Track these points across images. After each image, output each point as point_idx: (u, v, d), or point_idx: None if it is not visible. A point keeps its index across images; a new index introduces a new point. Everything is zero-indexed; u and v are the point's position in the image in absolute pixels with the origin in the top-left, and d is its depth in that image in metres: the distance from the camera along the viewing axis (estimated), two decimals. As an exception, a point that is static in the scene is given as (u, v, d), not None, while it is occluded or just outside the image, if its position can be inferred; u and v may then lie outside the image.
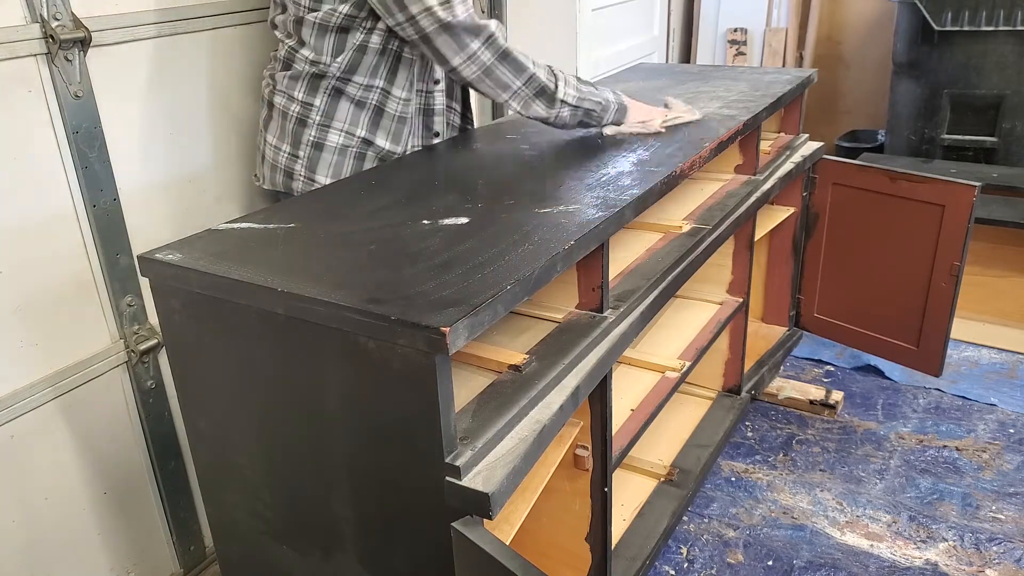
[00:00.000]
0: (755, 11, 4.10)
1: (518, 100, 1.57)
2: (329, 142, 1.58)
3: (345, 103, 1.58)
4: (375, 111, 1.59)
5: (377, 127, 1.60)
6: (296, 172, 1.61)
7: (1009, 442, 2.29)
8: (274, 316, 1.05)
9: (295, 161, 1.60)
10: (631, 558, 1.63)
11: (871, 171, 2.21)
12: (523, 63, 1.55)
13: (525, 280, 1.05)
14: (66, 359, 1.53)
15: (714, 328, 1.85)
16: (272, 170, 1.65)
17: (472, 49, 1.48)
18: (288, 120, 1.59)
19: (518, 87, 1.55)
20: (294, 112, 1.58)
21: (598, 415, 1.33)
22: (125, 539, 1.72)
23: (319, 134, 1.58)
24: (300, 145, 1.59)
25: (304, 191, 1.60)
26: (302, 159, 1.59)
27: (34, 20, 1.37)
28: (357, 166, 1.61)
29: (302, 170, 1.60)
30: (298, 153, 1.59)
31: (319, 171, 1.59)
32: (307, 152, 1.59)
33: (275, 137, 1.63)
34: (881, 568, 1.88)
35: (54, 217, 1.47)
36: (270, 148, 1.65)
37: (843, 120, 4.26)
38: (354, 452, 1.08)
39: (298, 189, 1.62)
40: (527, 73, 1.55)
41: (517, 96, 1.57)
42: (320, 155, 1.59)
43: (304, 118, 1.58)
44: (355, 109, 1.58)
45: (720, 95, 2.06)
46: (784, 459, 2.27)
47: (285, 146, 1.61)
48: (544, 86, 1.58)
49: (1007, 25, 3.02)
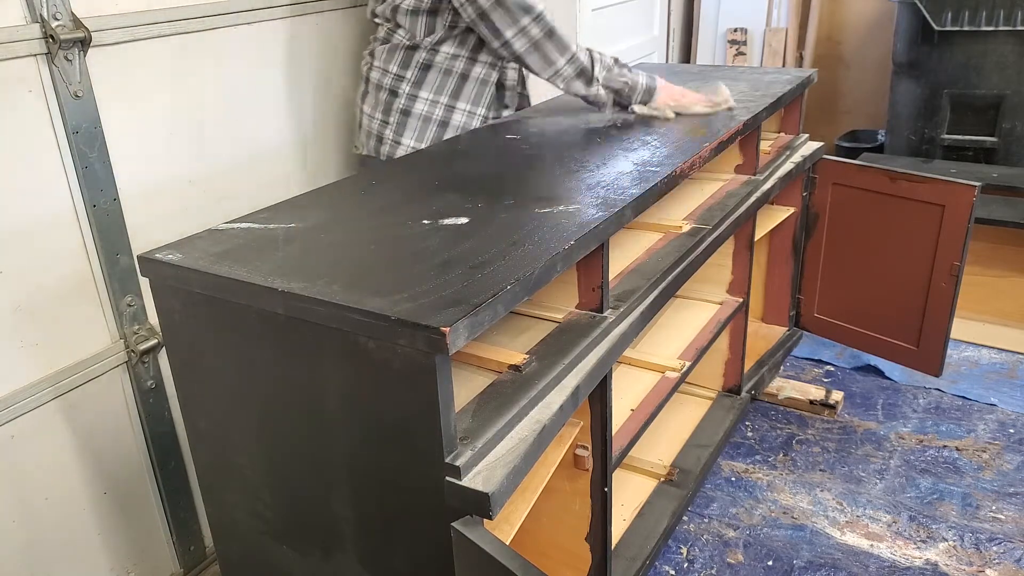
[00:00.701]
0: (755, 11, 4.10)
1: (561, 78, 1.75)
2: (415, 110, 1.80)
3: (433, 73, 1.79)
4: (459, 78, 1.81)
5: (460, 93, 1.82)
6: (385, 137, 1.83)
7: (1009, 442, 2.29)
8: (274, 316, 1.05)
9: (385, 127, 1.83)
10: (631, 558, 1.63)
11: (871, 171, 2.21)
12: (567, 43, 1.72)
13: (525, 280, 1.05)
14: (66, 359, 1.53)
15: (714, 328, 1.85)
16: (367, 136, 1.88)
17: (523, 23, 1.67)
18: (381, 91, 1.82)
19: (562, 65, 1.72)
20: (387, 84, 1.81)
21: (598, 415, 1.33)
22: (125, 539, 1.72)
23: (407, 103, 1.80)
24: (390, 112, 1.82)
25: (391, 154, 1.82)
26: (391, 125, 1.82)
27: (34, 20, 1.37)
28: (439, 133, 1.82)
29: (390, 134, 1.82)
30: (388, 120, 1.82)
31: (405, 135, 1.81)
32: (395, 118, 1.81)
33: (370, 107, 1.86)
34: (881, 568, 1.88)
35: (54, 217, 1.47)
36: (365, 117, 1.88)
37: (843, 120, 4.26)
38: (354, 452, 1.08)
39: (385, 152, 1.83)
40: (570, 52, 1.72)
41: (560, 74, 1.74)
42: (407, 120, 1.80)
43: (395, 89, 1.80)
44: (442, 77, 1.80)
45: (720, 95, 2.06)
46: (784, 459, 2.27)
47: (377, 114, 1.84)
48: (584, 67, 1.75)
49: (1007, 25, 3.02)
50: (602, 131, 1.76)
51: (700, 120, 1.83)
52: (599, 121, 1.85)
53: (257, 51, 1.80)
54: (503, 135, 1.78)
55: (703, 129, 1.75)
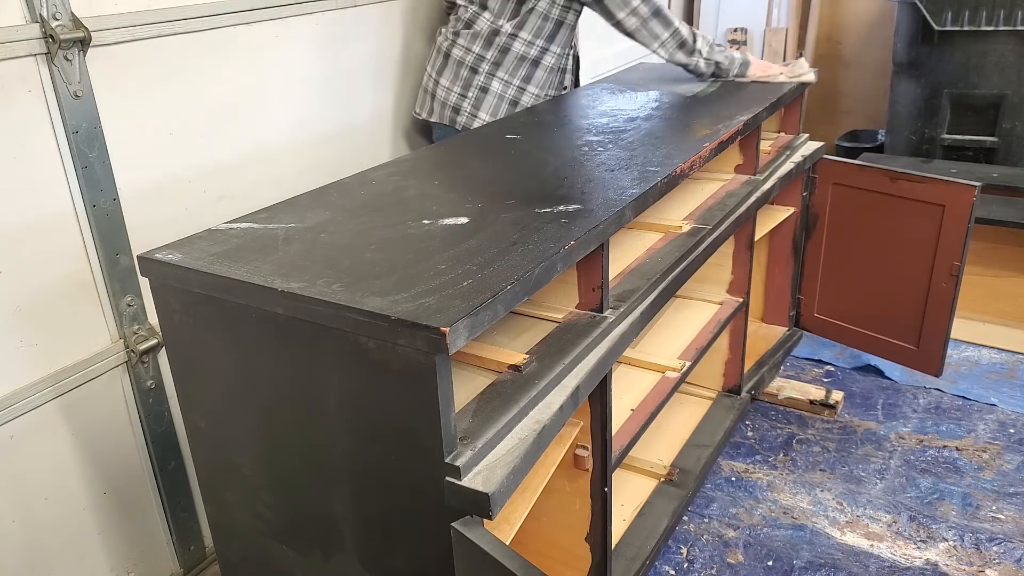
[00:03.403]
0: (755, 11, 4.10)
1: (665, 49, 2.05)
2: (493, 88, 2.07)
3: (511, 57, 2.06)
4: (532, 63, 2.08)
5: (531, 78, 2.10)
6: (463, 109, 2.09)
7: (1009, 442, 2.29)
8: (274, 316, 1.05)
9: (463, 100, 2.08)
10: (631, 558, 1.63)
11: (871, 171, 2.21)
12: (671, 19, 2.02)
13: (525, 280, 1.05)
14: (66, 359, 1.53)
15: (714, 328, 1.85)
16: (442, 107, 2.12)
17: (633, 5, 1.98)
18: (463, 68, 2.07)
19: (666, 38, 2.03)
20: (468, 62, 2.06)
21: (598, 415, 1.33)
22: (125, 539, 1.72)
23: (486, 80, 2.06)
24: (469, 88, 2.08)
25: (467, 125, 2.09)
26: (469, 99, 2.08)
27: (34, 20, 1.37)
28: (509, 110, 2.09)
29: (468, 107, 2.08)
30: (467, 94, 2.08)
31: (481, 110, 2.08)
32: (474, 94, 2.07)
33: (448, 80, 2.10)
34: (881, 568, 1.88)
35: (54, 217, 1.47)
36: (442, 89, 2.11)
37: (843, 120, 4.26)
38: (354, 452, 1.08)
39: (461, 123, 2.09)
40: (673, 27, 2.03)
41: (665, 45, 2.04)
42: (484, 97, 2.08)
43: (476, 67, 2.06)
44: (517, 62, 2.07)
45: (720, 95, 2.06)
46: (784, 459, 2.27)
47: (456, 88, 2.08)
48: (685, 40, 2.05)
49: (1007, 25, 3.02)
50: (602, 131, 1.76)
51: (700, 120, 1.83)
52: (599, 121, 1.85)
53: (257, 51, 1.80)
54: (504, 134, 1.78)
55: (704, 129, 1.75)
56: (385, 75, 2.19)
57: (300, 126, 1.95)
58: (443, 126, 2.14)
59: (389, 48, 2.19)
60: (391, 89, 2.22)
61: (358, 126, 2.13)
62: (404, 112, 2.28)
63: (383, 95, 2.20)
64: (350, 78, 2.07)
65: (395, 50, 2.21)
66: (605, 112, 1.94)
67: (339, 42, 2.02)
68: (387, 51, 2.19)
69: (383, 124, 2.22)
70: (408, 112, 2.29)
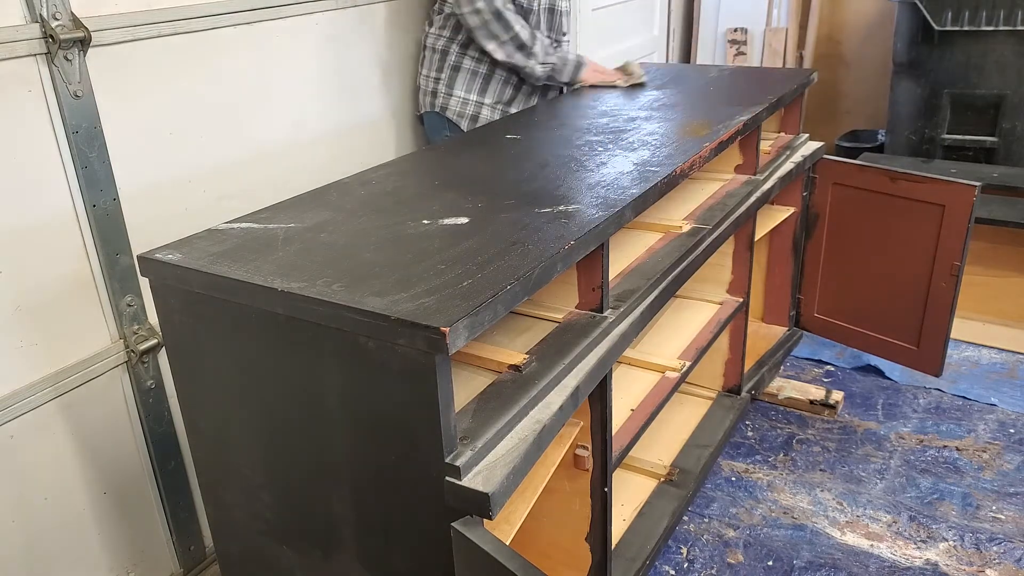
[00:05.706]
0: (755, 11, 4.09)
1: (503, 49, 2.08)
2: (464, 66, 2.12)
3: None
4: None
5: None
6: (439, 91, 2.15)
7: (1009, 442, 2.29)
8: (274, 316, 1.05)
9: (438, 83, 2.15)
10: (631, 558, 1.63)
11: (871, 171, 2.21)
12: (511, 23, 2.04)
13: (525, 280, 1.05)
14: (66, 359, 1.53)
15: (714, 328, 1.85)
16: (423, 95, 2.19)
17: (477, 5, 2.01)
18: (435, 52, 2.14)
19: (505, 39, 2.06)
20: (439, 46, 2.13)
21: (598, 415, 1.33)
22: (125, 539, 1.72)
23: (457, 59, 2.12)
24: (443, 69, 2.14)
25: (444, 105, 2.14)
26: (443, 80, 2.14)
27: (34, 20, 1.37)
28: (483, 85, 2.14)
29: (443, 88, 2.14)
30: (440, 76, 2.14)
31: (456, 87, 2.14)
32: (447, 74, 2.13)
33: (425, 68, 2.18)
34: (881, 568, 1.88)
35: (54, 217, 1.47)
36: (421, 78, 2.19)
37: (843, 120, 4.26)
38: (354, 452, 1.08)
39: (439, 104, 2.15)
40: (512, 31, 2.05)
41: (503, 46, 2.07)
42: (456, 75, 2.13)
43: (446, 50, 2.12)
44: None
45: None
46: (784, 459, 2.27)
47: (432, 72, 2.16)
48: (524, 43, 2.08)
49: (1007, 25, 3.02)
50: (602, 131, 1.76)
51: (700, 120, 1.83)
52: (600, 121, 1.85)
53: (257, 51, 1.80)
54: (504, 134, 1.78)
55: (704, 129, 1.75)
56: (385, 75, 2.20)
57: (300, 126, 1.95)
58: (429, 114, 2.19)
59: (389, 48, 2.19)
60: (391, 89, 2.23)
61: (358, 126, 2.13)
62: (404, 112, 2.28)
63: (383, 95, 2.20)
64: (350, 78, 2.08)
65: (395, 50, 2.22)
66: (605, 112, 1.94)
67: (339, 42, 2.02)
68: (387, 51, 2.19)
69: (383, 124, 2.23)
70: (408, 112, 2.29)
